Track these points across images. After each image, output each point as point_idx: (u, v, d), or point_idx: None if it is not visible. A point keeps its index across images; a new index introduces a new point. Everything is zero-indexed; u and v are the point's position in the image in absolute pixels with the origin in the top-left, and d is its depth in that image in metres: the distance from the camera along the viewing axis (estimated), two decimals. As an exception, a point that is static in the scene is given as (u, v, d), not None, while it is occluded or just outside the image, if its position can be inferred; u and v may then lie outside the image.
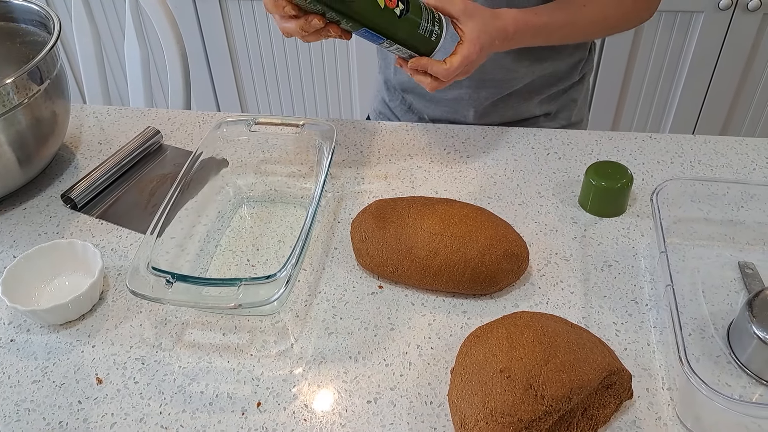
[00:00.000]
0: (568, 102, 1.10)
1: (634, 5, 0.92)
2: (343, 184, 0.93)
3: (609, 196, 0.85)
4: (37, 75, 0.86)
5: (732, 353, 0.70)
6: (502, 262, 0.74)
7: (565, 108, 1.10)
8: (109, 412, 0.68)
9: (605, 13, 0.91)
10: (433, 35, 0.80)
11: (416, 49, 0.80)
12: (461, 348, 0.67)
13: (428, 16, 0.79)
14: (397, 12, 0.76)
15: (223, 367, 0.72)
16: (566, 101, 1.09)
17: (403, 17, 0.77)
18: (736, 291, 0.76)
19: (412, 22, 0.78)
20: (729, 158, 0.95)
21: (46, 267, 0.80)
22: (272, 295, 0.67)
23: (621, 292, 0.77)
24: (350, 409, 0.67)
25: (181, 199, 0.81)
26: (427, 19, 0.79)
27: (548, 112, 1.08)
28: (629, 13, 0.93)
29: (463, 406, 0.62)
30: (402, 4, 0.76)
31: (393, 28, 0.77)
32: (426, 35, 0.79)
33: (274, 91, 2.09)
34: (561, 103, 1.09)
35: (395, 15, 0.76)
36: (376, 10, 0.75)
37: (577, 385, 0.60)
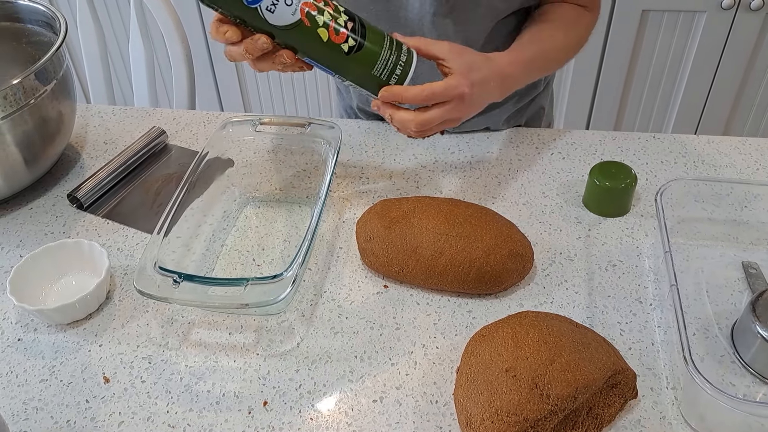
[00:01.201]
0: (537, 110, 1.10)
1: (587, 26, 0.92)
2: (348, 184, 0.94)
3: (613, 196, 0.85)
4: (44, 75, 0.87)
5: (736, 353, 0.70)
6: (507, 262, 0.75)
7: (535, 117, 1.11)
8: (116, 411, 0.69)
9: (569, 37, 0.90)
10: (392, 78, 0.72)
11: (371, 91, 0.74)
12: (467, 347, 0.67)
13: (389, 54, 0.71)
14: (345, 48, 0.69)
15: (230, 366, 0.72)
16: (535, 110, 1.09)
17: (353, 55, 0.70)
18: (739, 291, 0.76)
19: (365, 61, 0.70)
20: (732, 158, 0.95)
21: (53, 266, 0.81)
22: (279, 294, 0.68)
23: (625, 291, 0.77)
24: (356, 408, 0.68)
25: (187, 199, 0.82)
26: (386, 59, 0.71)
27: (518, 124, 1.07)
28: (584, 36, 0.92)
29: (468, 405, 0.62)
30: (354, 41, 0.69)
31: (340, 66, 0.71)
32: (382, 78, 0.72)
33: (277, 90, 2.09)
34: (530, 113, 1.09)
35: (342, 51, 0.69)
36: (316, 42, 0.69)
37: (583, 384, 0.60)
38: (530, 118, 1.09)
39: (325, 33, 0.67)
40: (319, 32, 0.67)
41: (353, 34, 0.69)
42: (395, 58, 0.71)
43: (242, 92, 2.11)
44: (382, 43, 0.71)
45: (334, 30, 0.68)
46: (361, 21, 0.71)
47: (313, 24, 0.67)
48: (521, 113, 1.07)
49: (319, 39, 0.68)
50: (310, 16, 0.67)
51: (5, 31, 1.00)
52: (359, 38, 0.69)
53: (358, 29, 0.70)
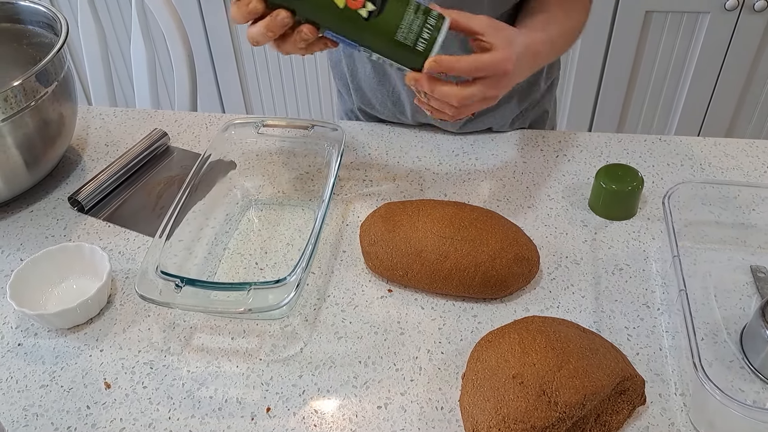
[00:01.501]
0: (541, 113, 1.09)
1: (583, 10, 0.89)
2: (351, 187, 0.93)
3: (619, 199, 0.84)
4: (45, 77, 0.86)
5: (745, 358, 0.69)
6: (513, 266, 0.74)
7: (539, 120, 1.09)
8: (117, 417, 0.68)
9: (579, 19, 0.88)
10: (419, 44, 0.66)
11: (398, 60, 0.69)
12: (472, 353, 0.67)
13: (414, 18, 0.66)
14: (364, 14, 0.65)
15: (232, 371, 0.71)
16: (539, 113, 1.08)
17: (372, 20, 0.65)
18: (748, 295, 0.76)
19: (386, 26, 0.66)
20: (739, 160, 0.94)
21: (54, 270, 0.80)
22: (282, 299, 0.67)
23: (632, 296, 0.77)
24: (360, 415, 0.67)
25: (189, 202, 0.81)
26: (410, 23, 0.66)
27: (523, 126, 1.06)
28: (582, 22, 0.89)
29: (475, 412, 0.61)
30: (372, 4, 0.65)
31: (361, 35, 0.67)
32: (407, 43, 0.66)
33: (279, 92, 2.08)
34: (534, 115, 1.07)
35: (361, 17, 0.65)
36: (333, 10, 0.65)
37: (591, 391, 0.59)
38: (534, 121, 1.09)
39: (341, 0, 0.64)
40: (332, 2, 0.64)
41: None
42: (421, 22, 0.66)
43: (244, 93, 2.10)
44: (405, 6, 0.66)
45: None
46: None
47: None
48: (525, 116, 1.06)
49: (335, 6, 0.64)
50: None
51: (6, 33, 0.99)
52: (379, 1, 0.65)
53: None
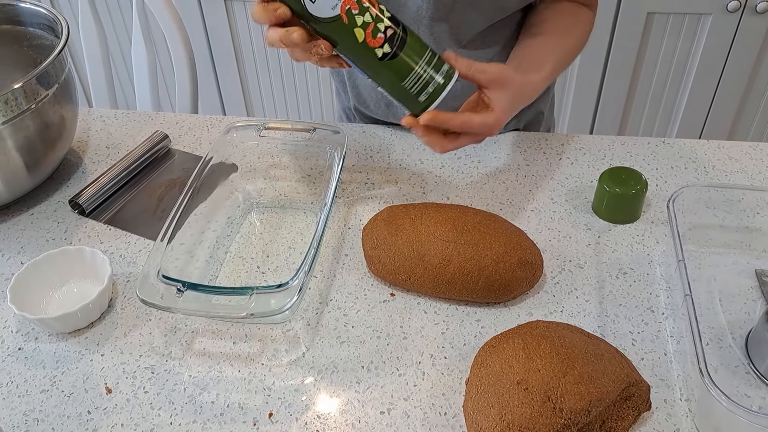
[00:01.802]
0: (536, 114, 1.09)
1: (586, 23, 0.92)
2: (353, 190, 0.92)
3: (623, 203, 0.84)
4: (46, 79, 0.85)
5: (751, 363, 0.69)
6: (517, 270, 0.73)
7: (534, 121, 1.09)
8: (118, 422, 0.67)
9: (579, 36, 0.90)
10: (422, 95, 0.70)
11: (399, 101, 0.72)
12: (476, 358, 0.66)
13: (424, 71, 0.69)
14: (379, 54, 0.67)
15: (234, 376, 0.71)
16: (533, 114, 1.08)
17: (386, 62, 0.68)
18: (753, 299, 0.75)
19: (397, 71, 0.68)
20: (743, 164, 0.93)
21: (55, 274, 0.79)
22: (284, 304, 0.67)
23: (637, 300, 0.76)
24: (363, 420, 0.66)
25: (191, 205, 0.81)
26: (420, 75, 0.69)
27: (516, 128, 1.07)
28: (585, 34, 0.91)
29: (479, 418, 0.61)
30: (389, 48, 0.67)
31: (372, 70, 0.69)
32: (412, 92, 0.70)
33: (280, 94, 2.08)
34: (528, 117, 1.08)
35: (375, 56, 0.68)
36: (352, 41, 0.67)
37: (596, 397, 0.59)
38: (528, 122, 1.09)
39: (361, 34, 0.66)
40: (355, 32, 0.66)
41: (391, 41, 0.67)
42: (429, 76, 0.69)
43: (245, 95, 2.10)
44: (420, 57, 0.69)
45: (372, 33, 0.66)
46: (405, 30, 0.69)
47: (351, 22, 0.66)
48: (519, 118, 1.06)
49: (355, 38, 0.67)
50: (349, 13, 0.65)
51: (6, 35, 0.99)
52: (396, 47, 0.68)
53: (397, 37, 0.68)
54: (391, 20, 0.68)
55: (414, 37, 0.69)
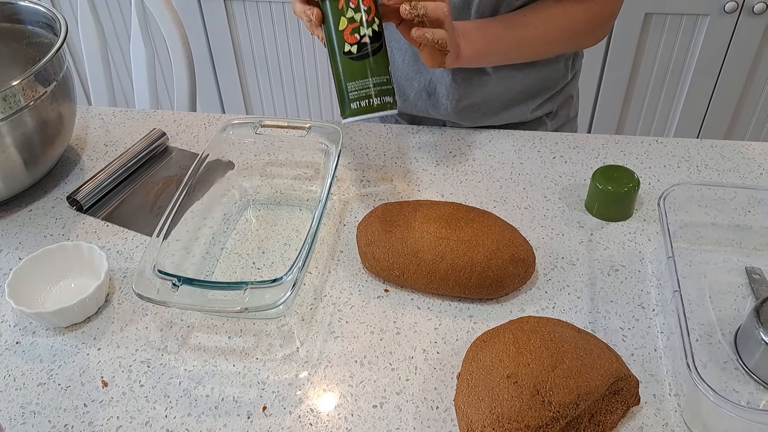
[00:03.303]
0: (566, 98, 1.11)
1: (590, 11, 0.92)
2: (348, 187, 0.93)
3: (616, 201, 0.84)
4: (44, 77, 0.86)
5: (739, 359, 0.70)
6: (509, 267, 0.74)
7: (565, 105, 1.12)
8: (114, 415, 0.68)
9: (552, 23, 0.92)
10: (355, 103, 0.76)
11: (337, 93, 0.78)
12: (468, 353, 0.67)
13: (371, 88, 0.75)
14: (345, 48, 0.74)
15: (229, 370, 0.71)
16: (565, 98, 1.11)
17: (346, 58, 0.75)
18: (743, 296, 0.76)
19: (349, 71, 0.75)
20: (736, 162, 0.94)
21: (52, 269, 0.80)
22: (279, 298, 0.67)
23: (628, 297, 0.77)
24: (356, 414, 0.67)
25: (187, 202, 0.81)
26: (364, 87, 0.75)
27: (549, 111, 1.09)
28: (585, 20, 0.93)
29: (469, 411, 0.61)
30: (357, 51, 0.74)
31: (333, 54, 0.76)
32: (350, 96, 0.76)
33: (279, 92, 2.09)
34: (560, 101, 1.10)
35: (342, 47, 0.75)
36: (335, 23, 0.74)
37: (585, 391, 0.59)
38: (560, 105, 1.11)
39: (344, 23, 0.73)
40: (341, 19, 0.73)
41: (361, 47, 0.74)
42: (369, 94, 0.76)
43: (244, 93, 2.11)
44: (374, 76, 0.75)
45: (351, 30, 0.73)
46: (380, 49, 0.75)
47: (343, 10, 0.73)
48: (552, 100, 1.08)
49: (338, 23, 0.73)
50: (346, 3, 0.72)
51: (5, 32, 1.00)
52: (361, 54, 0.74)
53: (368, 49, 0.74)
54: (374, 34, 0.74)
55: (383, 59, 0.76)
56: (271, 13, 1.90)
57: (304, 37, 1.93)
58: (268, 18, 1.91)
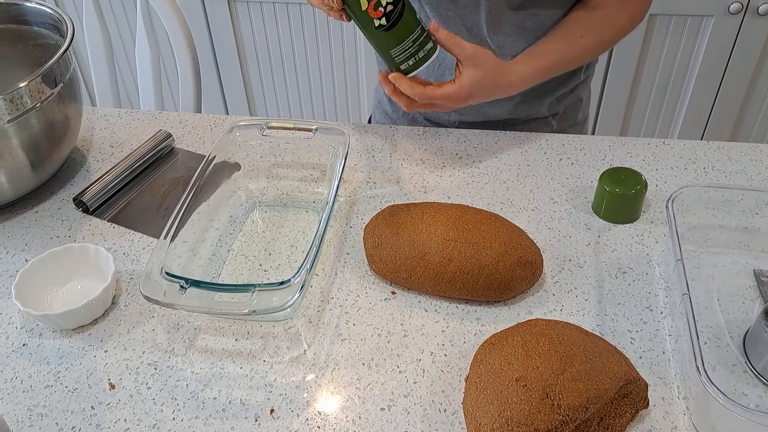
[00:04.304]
0: (575, 101, 1.11)
1: (628, 23, 0.94)
2: (354, 189, 0.93)
3: (623, 203, 0.84)
4: (51, 78, 0.86)
5: (748, 362, 0.69)
6: (517, 270, 0.74)
7: (573, 107, 1.12)
8: (121, 417, 0.68)
9: (601, 37, 0.93)
10: (405, 63, 0.80)
11: (387, 64, 0.82)
12: (476, 355, 0.67)
13: (410, 45, 0.78)
14: (375, 23, 0.77)
15: (236, 373, 0.71)
16: (573, 100, 1.10)
17: (379, 31, 0.77)
18: (751, 299, 0.76)
19: (387, 41, 0.78)
20: (743, 164, 0.94)
21: (59, 271, 0.80)
22: (286, 301, 0.67)
23: (635, 299, 0.77)
24: (364, 416, 0.67)
25: (194, 203, 0.81)
26: (406, 48, 0.78)
27: (556, 111, 1.09)
28: (623, 29, 0.94)
29: (478, 414, 0.61)
30: (386, 20, 0.76)
31: (367, 32, 0.79)
32: (396, 60, 0.80)
33: (283, 94, 2.09)
34: (569, 102, 1.10)
35: (372, 24, 0.77)
36: (357, 5, 0.76)
37: (594, 394, 0.59)
38: (568, 107, 1.11)
39: (365, 3, 0.75)
40: (360, 1, 0.75)
41: (388, 16, 0.76)
42: (414, 50, 0.78)
43: (247, 95, 2.11)
44: (409, 33, 0.78)
45: (374, 6, 0.75)
46: (404, 6, 0.77)
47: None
48: (560, 102, 1.08)
49: (359, 4, 0.75)
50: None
51: (12, 34, 1.00)
52: (391, 21, 0.76)
53: (395, 13, 0.76)
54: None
55: (410, 14, 0.78)
56: (274, 14, 1.90)
57: (308, 37, 1.93)
58: (272, 18, 1.91)
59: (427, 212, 0.79)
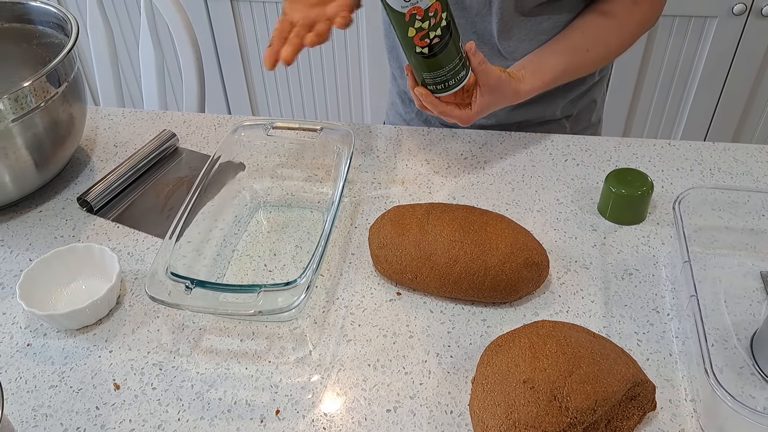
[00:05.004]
0: (588, 103, 1.10)
1: (637, 29, 0.94)
2: (359, 189, 0.93)
3: (629, 204, 0.84)
4: (55, 78, 0.86)
5: (756, 364, 0.69)
6: (523, 271, 0.74)
7: (586, 109, 1.11)
8: (126, 418, 0.68)
9: (609, 49, 0.94)
10: (436, 87, 0.81)
11: (418, 79, 0.83)
12: (482, 357, 0.67)
13: (447, 73, 0.79)
14: (418, 50, 0.77)
15: (242, 373, 0.71)
16: (587, 102, 1.10)
17: (421, 58, 0.78)
18: (758, 301, 0.75)
19: (426, 67, 0.79)
20: (749, 166, 0.94)
21: (63, 271, 0.80)
22: (292, 302, 0.67)
23: (642, 301, 0.76)
24: (369, 418, 0.67)
25: (199, 203, 0.81)
26: (442, 75, 0.80)
27: (570, 113, 1.08)
28: (632, 35, 0.94)
29: (485, 416, 0.61)
30: (429, 51, 0.77)
31: (408, 54, 0.80)
32: (427, 82, 0.81)
33: (285, 94, 2.09)
34: (582, 104, 1.09)
35: (414, 50, 0.78)
36: (404, 32, 0.77)
37: (602, 396, 0.59)
38: (582, 110, 1.10)
39: (412, 32, 0.76)
40: (409, 29, 0.76)
41: (433, 47, 0.77)
42: (445, 79, 0.80)
43: (250, 94, 2.11)
44: (448, 63, 0.79)
45: (421, 36, 0.76)
46: (449, 40, 0.77)
47: (410, 22, 0.75)
48: (574, 104, 1.08)
49: (407, 32, 0.76)
50: (412, 17, 0.75)
51: (16, 33, 0.99)
52: (434, 53, 0.77)
53: (441, 45, 0.77)
54: (443, 30, 0.76)
55: (454, 44, 0.78)
56: (277, 14, 1.90)
57: (311, 38, 1.93)
58: (275, 18, 1.91)
59: (432, 213, 0.78)
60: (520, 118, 1.05)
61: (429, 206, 0.80)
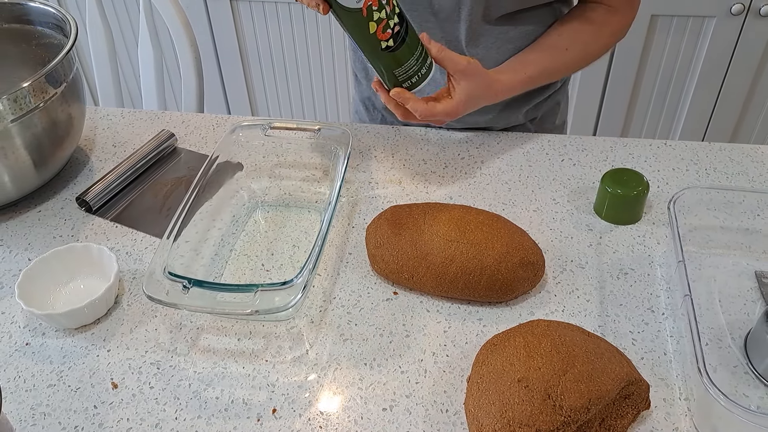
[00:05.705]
0: (553, 106, 1.11)
1: (610, 39, 0.95)
2: (356, 189, 0.93)
3: (625, 204, 0.84)
4: (54, 78, 0.86)
5: (749, 363, 0.70)
6: (519, 270, 0.74)
7: (551, 112, 1.12)
8: (124, 417, 0.68)
9: (587, 50, 0.94)
10: (407, 82, 0.80)
11: (386, 81, 0.82)
12: (477, 356, 0.67)
13: (414, 64, 0.79)
14: (383, 45, 0.76)
15: (239, 372, 0.72)
16: (551, 105, 1.10)
17: (387, 53, 0.77)
18: (753, 300, 0.76)
19: (393, 61, 0.78)
20: (744, 166, 0.94)
21: (62, 270, 0.80)
22: (289, 301, 0.67)
23: (637, 300, 0.77)
24: (366, 417, 0.67)
25: (197, 203, 0.82)
26: (410, 67, 0.79)
27: (534, 117, 1.09)
28: (608, 43, 0.95)
29: (480, 415, 0.61)
30: (393, 42, 0.76)
31: (372, 54, 0.78)
32: (399, 78, 0.80)
33: (284, 92, 2.09)
34: (546, 108, 1.10)
35: (379, 46, 0.76)
36: (363, 31, 0.75)
37: (596, 395, 0.59)
38: (546, 113, 1.10)
39: (374, 27, 0.74)
40: (369, 24, 0.74)
41: (396, 37, 0.76)
42: (417, 68, 0.79)
43: (249, 94, 2.11)
44: (413, 52, 0.78)
45: (383, 28, 0.75)
46: (407, 26, 0.77)
47: (369, 17, 0.74)
48: (538, 108, 1.08)
49: (367, 29, 0.75)
50: (369, 9, 0.73)
51: (15, 33, 1.00)
52: (398, 42, 0.77)
53: (401, 34, 0.76)
54: (399, 16, 0.76)
55: (412, 32, 0.78)
56: (277, 13, 1.90)
57: (310, 37, 1.93)
58: (274, 18, 1.91)
59: (429, 213, 0.79)
60: (485, 124, 1.04)
61: (425, 206, 0.80)
